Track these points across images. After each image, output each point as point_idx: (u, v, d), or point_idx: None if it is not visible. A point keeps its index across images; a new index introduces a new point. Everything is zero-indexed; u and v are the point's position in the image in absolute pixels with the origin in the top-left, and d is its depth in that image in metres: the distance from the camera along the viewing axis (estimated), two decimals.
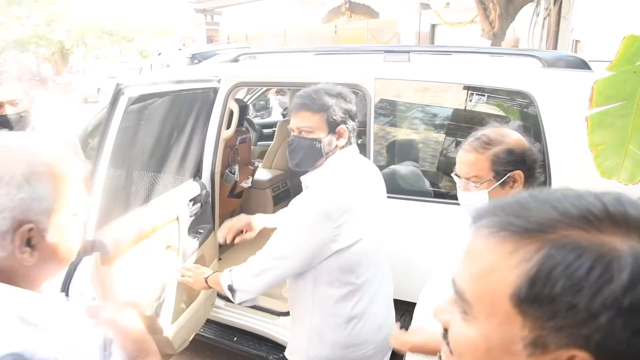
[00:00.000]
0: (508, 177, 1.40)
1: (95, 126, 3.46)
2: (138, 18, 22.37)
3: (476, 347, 0.55)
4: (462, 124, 2.29)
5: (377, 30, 14.66)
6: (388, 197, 1.85)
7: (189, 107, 2.43)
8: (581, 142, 1.71)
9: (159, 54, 14.49)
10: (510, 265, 0.50)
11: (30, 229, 0.78)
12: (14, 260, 0.78)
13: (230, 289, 1.72)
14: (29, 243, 0.78)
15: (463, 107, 2.20)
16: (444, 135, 2.31)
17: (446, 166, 2.32)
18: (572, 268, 0.46)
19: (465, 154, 1.46)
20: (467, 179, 1.45)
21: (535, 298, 0.48)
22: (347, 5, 16.28)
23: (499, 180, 1.41)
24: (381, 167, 2.32)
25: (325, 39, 15.64)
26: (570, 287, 0.46)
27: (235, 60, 2.90)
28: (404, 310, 2.20)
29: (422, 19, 13.43)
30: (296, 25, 16.95)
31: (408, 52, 2.26)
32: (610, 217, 0.49)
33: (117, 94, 1.70)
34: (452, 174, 1.52)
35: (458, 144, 2.29)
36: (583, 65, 1.95)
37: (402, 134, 2.35)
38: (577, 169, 1.76)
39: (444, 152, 2.30)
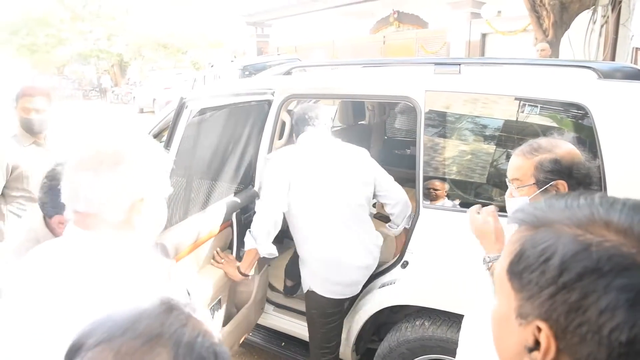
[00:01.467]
0: (550, 185, 1.41)
1: (155, 135, 3.64)
2: (192, 31, 23.17)
3: (495, 317, 0.68)
4: (514, 136, 2.27)
5: (425, 40, 14.51)
6: None
7: (245, 118, 2.54)
8: (639, 154, 1.68)
9: (212, 66, 14.95)
10: (510, 248, 0.64)
11: (141, 199, 1.04)
12: (127, 224, 1.04)
13: (254, 245, 2.32)
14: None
15: (515, 119, 2.18)
16: (495, 146, 2.29)
17: (496, 177, 2.31)
18: (532, 251, 0.59)
19: (514, 157, 1.52)
20: (511, 181, 1.51)
21: (514, 273, 0.61)
22: (396, 16, 16.24)
23: (540, 188, 1.42)
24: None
25: (373, 50, 15.64)
26: (529, 265, 0.59)
27: (288, 73, 3.00)
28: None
29: (473, 28, 13.21)
30: (344, 36, 17.05)
31: (459, 64, 2.27)
32: (591, 219, 0.57)
33: (181, 107, 1.80)
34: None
35: (509, 156, 2.27)
36: None
37: (451, 145, 2.35)
38: (634, 182, 1.72)
39: (494, 163, 2.29)
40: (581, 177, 1.42)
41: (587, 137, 1.84)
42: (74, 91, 27.08)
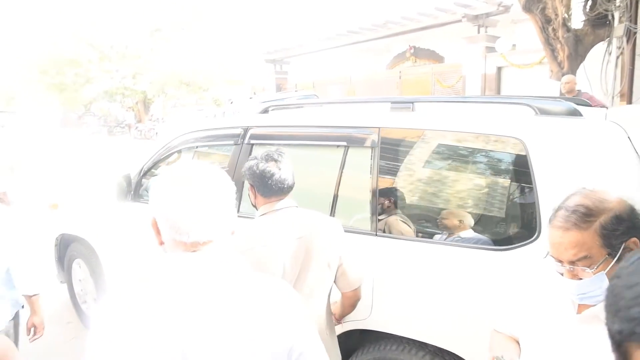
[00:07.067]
0: (624, 249, 1.14)
1: (149, 168, 3.73)
2: (213, 69, 23.84)
3: None
4: (459, 165, 2.32)
5: (441, 75, 14.64)
6: None
7: None
8: (571, 185, 1.68)
9: (231, 102, 15.36)
10: None
11: None
12: None
13: None
14: None
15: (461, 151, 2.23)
16: (446, 175, 2.34)
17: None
18: None
19: (563, 233, 1.17)
20: (572, 262, 1.17)
21: None
22: (412, 51, 16.47)
23: (615, 257, 1.15)
24: None
25: (390, 85, 15.85)
26: None
27: (265, 111, 3.10)
28: None
29: (488, 62, 13.28)
30: (361, 71, 17.34)
31: (412, 102, 2.37)
32: None
33: None
34: (549, 258, 1.25)
35: (463, 182, 2.30)
36: (574, 112, 1.95)
37: (406, 176, 2.40)
38: None
39: (449, 192, 2.31)
40: None
41: (523, 169, 1.88)
42: (100, 127, 28.11)
